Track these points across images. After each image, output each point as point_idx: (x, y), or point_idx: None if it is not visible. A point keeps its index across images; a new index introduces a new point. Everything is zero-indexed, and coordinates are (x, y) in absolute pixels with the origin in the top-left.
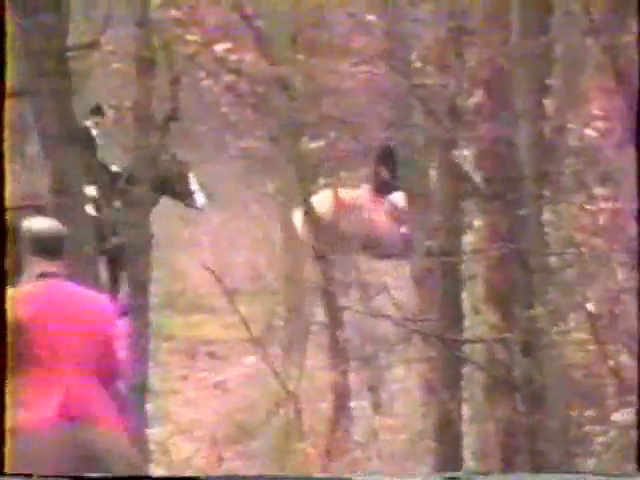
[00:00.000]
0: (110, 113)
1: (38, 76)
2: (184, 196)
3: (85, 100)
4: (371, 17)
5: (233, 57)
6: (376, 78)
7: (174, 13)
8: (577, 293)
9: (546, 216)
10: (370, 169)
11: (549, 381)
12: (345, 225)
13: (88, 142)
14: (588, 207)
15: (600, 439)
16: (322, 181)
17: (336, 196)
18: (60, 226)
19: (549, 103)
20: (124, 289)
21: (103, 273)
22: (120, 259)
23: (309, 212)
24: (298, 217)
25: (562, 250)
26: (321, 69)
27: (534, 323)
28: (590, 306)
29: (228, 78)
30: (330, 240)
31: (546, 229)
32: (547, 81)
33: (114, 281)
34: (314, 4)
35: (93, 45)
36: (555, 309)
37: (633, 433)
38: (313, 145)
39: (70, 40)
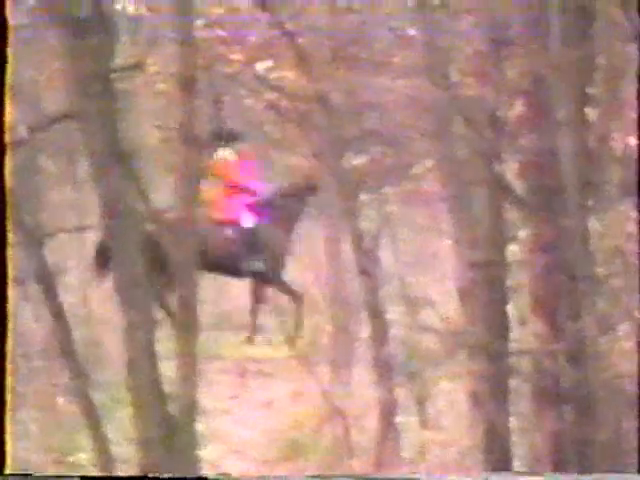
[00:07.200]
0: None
1: (85, 98)
2: None
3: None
4: (412, 31)
5: (274, 75)
6: (417, 92)
7: (218, 32)
8: (625, 302)
9: (591, 225)
10: None
11: (598, 391)
12: None
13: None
14: (633, 215)
15: None
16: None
17: None
18: None
19: (591, 112)
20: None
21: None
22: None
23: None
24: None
25: (608, 259)
26: (362, 84)
27: (581, 333)
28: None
29: (270, 96)
30: None
31: (591, 238)
32: (588, 90)
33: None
34: (355, 20)
35: (138, 66)
36: (603, 318)
37: None
38: (356, 161)
39: (116, 61)
